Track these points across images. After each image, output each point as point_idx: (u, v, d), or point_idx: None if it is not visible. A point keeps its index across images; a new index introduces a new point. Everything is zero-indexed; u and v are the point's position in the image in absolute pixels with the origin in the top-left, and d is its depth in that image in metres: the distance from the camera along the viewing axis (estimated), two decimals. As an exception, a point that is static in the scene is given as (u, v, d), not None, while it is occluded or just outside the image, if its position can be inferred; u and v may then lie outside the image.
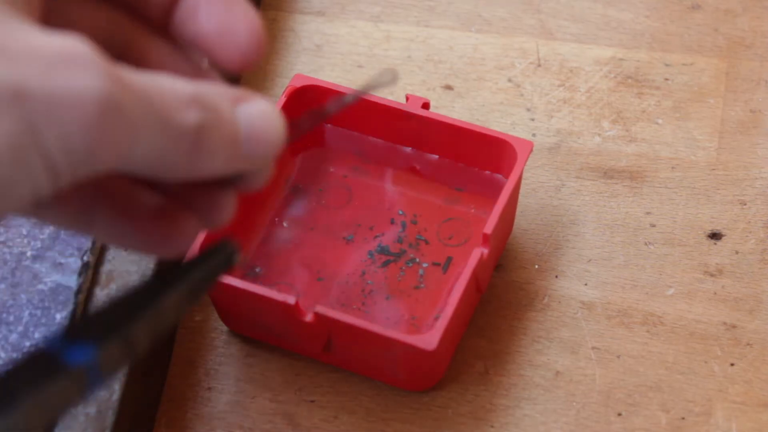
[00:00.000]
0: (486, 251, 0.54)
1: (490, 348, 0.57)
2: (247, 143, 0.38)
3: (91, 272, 0.55)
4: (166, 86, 0.37)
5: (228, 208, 0.41)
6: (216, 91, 0.38)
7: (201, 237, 0.53)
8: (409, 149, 0.60)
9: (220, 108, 0.38)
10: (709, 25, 0.66)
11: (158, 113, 0.36)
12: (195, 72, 0.42)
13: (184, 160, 0.37)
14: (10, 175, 0.33)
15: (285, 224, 0.58)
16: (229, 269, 0.41)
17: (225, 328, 0.58)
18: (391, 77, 0.41)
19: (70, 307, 0.53)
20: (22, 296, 0.53)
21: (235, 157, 0.38)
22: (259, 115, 0.39)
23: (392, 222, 0.58)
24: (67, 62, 0.34)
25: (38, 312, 0.53)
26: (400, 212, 0.58)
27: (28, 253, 0.56)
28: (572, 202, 0.61)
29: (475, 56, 0.66)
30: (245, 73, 0.66)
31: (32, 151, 0.34)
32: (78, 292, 0.55)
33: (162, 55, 0.41)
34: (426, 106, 0.58)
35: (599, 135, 0.63)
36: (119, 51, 0.41)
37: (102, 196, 0.41)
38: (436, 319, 0.54)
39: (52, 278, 0.55)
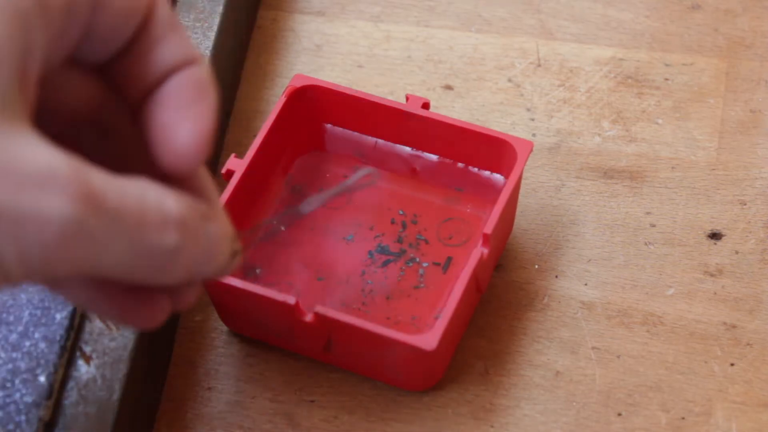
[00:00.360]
0: (486, 251, 0.54)
1: (490, 348, 0.57)
2: (205, 260, 0.40)
3: (91, 272, 0.55)
4: (151, 205, 0.37)
5: (192, 297, 0.42)
6: (194, 212, 0.39)
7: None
8: (409, 149, 0.60)
9: (197, 231, 0.39)
10: (709, 25, 0.66)
11: (131, 232, 0.36)
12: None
13: (153, 274, 0.38)
14: None
15: (284, 225, 0.58)
16: None
17: (225, 328, 0.58)
18: (372, 179, 0.42)
19: (70, 307, 0.53)
20: (22, 296, 0.53)
21: (192, 273, 0.39)
22: (220, 234, 0.40)
23: (392, 222, 0.58)
24: (41, 182, 0.34)
25: (38, 312, 0.53)
26: (400, 212, 0.58)
27: (28, 253, 0.55)
28: (572, 202, 0.61)
29: (475, 56, 0.66)
30: (245, 74, 0.66)
31: None
32: (78, 292, 0.55)
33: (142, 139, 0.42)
34: (426, 106, 0.58)
35: (599, 135, 0.63)
36: (106, 128, 0.41)
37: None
38: (436, 319, 0.54)
39: (52, 278, 0.55)
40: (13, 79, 0.35)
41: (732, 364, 0.56)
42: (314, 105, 0.59)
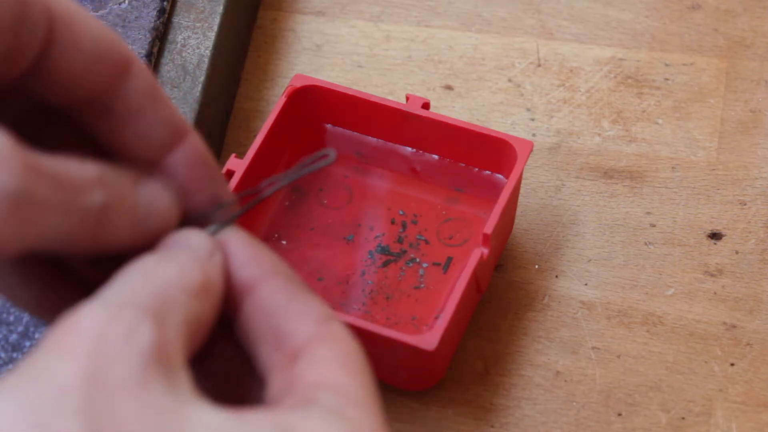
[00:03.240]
0: (486, 251, 0.54)
1: (490, 348, 0.57)
2: (145, 219, 0.39)
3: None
4: (73, 169, 0.37)
5: None
6: (118, 172, 0.39)
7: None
8: (409, 149, 0.60)
9: (123, 188, 0.39)
10: (709, 25, 0.66)
11: (64, 197, 0.36)
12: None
13: (89, 238, 0.37)
14: None
15: (284, 225, 0.58)
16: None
17: (225, 328, 0.58)
18: (331, 158, 0.42)
19: (70, 307, 0.53)
20: (23, 296, 0.53)
21: (135, 233, 0.39)
22: (155, 193, 0.40)
23: (392, 222, 0.58)
24: None
25: (38, 312, 0.53)
26: (401, 212, 0.58)
27: (29, 253, 0.55)
28: (572, 202, 0.61)
29: (475, 56, 0.66)
30: (245, 74, 0.66)
31: None
32: (78, 292, 0.55)
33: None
34: (426, 106, 0.58)
35: (599, 135, 0.63)
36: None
37: (19, 268, 0.41)
38: (436, 319, 0.54)
39: (52, 278, 0.55)
40: None
41: (732, 364, 0.56)
42: (314, 105, 0.59)
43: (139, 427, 0.32)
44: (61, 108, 0.40)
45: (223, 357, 0.40)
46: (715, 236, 0.60)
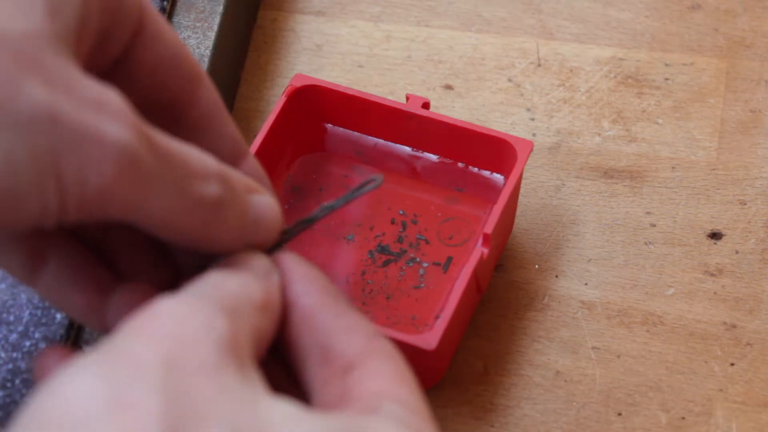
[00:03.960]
0: (486, 251, 0.54)
1: (490, 348, 0.57)
2: (253, 226, 0.41)
3: (91, 272, 0.55)
4: (194, 156, 0.38)
5: None
6: (237, 175, 0.40)
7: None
8: (409, 149, 0.60)
9: (238, 190, 0.40)
10: (709, 25, 0.66)
11: (178, 178, 0.37)
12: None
13: (199, 228, 0.39)
14: (24, 187, 0.34)
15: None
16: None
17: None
18: (378, 182, 0.45)
19: (70, 307, 0.53)
20: (22, 296, 0.53)
21: (239, 237, 0.40)
22: (267, 205, 0.42)
23: (392, 222, 0.58)
24: (100, 106, 0.35)
25: (38, 312, 0.53)
26: (401, 212, 0.59)
27: (29, 253, 0.56)
28: (572, 202, 0.61)
29: (475, 56, 0.66)
30: (245, 74, 0.66)
31: (49, 174, 0.35)
32: (78, 292, 0.55)
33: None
34: (426, 106, 0.58)
35: (599, 135, 0.63)
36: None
37: (56, 252, 0.41)
38: (436, 319, 0.54)
39: (52, 278, 0.55)
40: (76, 19, 0.37)
41: (732, 364, 0.56)
42: (314, 105, 0.59)
43: (216, 408, 0.33)
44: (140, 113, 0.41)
45: (270, 374, 0.41)
46: (715, 236, 0.60)
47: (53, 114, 0.34)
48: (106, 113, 0.35)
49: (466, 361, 0.56)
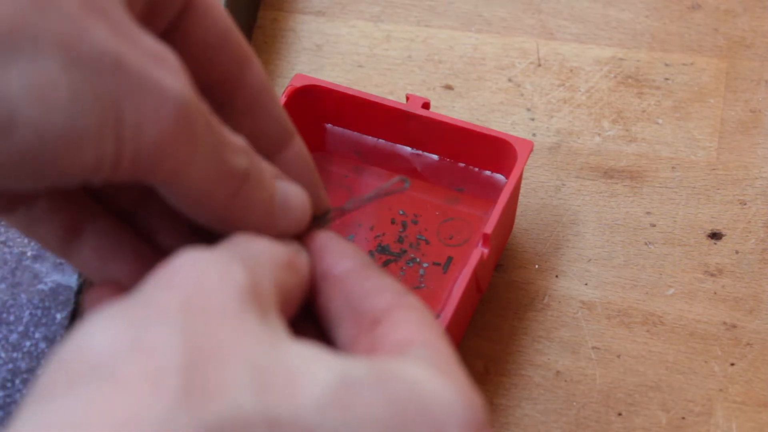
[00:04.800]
0: (486, 251, 0.54)
1: (490, 348, 0.57)
2: (280, 211, 0.41)
3: (91, 272, 0.55)
4: (224, 130, 0.39)
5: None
6: (263, 161, 0.41)
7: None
8: (409, 149, 0.60)
9: (264, 170, 0.40)
10: (709, 25, 0.66)
11: (217, 145, 0.38)
12: None
13: (225, 201, 0.39)
14: (85, 130, 0.34)
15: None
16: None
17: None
18: (406, 185, 0.46)
19: (70, 307, 0.53)
20: (22, 296, 0.53)
21: (266, 219, 0.41)
22: (295, 192, 0.42)
23: (392, 222, 0.58)
24: (161, 59, 0.36)
25: (38, 312, 0.53)
26: (401, 212, 0.58)
27: (29, 253, 0.56)
28: (572, 202, 0.61)
29: (475, 56, 0.66)
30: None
31: (110, 120, 0.35)
32: (78, 292, 0.55)
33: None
34: (426, 106, 0.58)
35: (599, 135, 0.63)
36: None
37: (93, 225, 0.41)
38: (436, 318, 0.54)
39: (52, 278, 0.55)
40: None
41: (732, 364, 0.56)
42: (314, 105, 0.59)
43: (235, 347, 0.33)
44: None
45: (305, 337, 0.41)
46: (715, 236, 0.60)
47: (117, 58, 0.35)
48: (165, 67, 0.36)
49: (466, 361, 0.56)
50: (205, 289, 0.35)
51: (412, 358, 0.36)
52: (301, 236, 0.42)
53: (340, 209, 0.46)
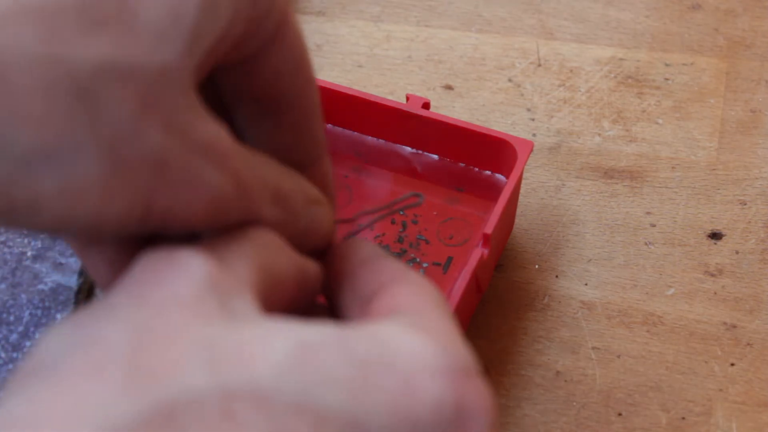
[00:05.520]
0: (486, 251, 0.54)
1: (490, 348, 0.57)
2: (303, 235, 0.41)
3: (91, 272, 0.55)
4: (266, 177, 0.38)
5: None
6: (300, 193, 0.40)
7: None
8: (409, 149, 0.60)
9: (298, 213, 0.40)
10: (709, 25, 0.66)
11: (248, 206, 0.37)
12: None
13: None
14: (109, 219, 0.34)
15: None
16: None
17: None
18: (420, 200, 0.46)
19: (70, 307, 0.53)
20: (23, 296, 0.53)
21: (296, 245, 0.40)
22: (322, 217, 0.41)
23: (392, 222, 0.58)
24: (208, 149, 0.35)
25: (38, 312, 0.53)
26: (401, 212, 0.58)
27: (29, 253, 0.56)
28: (572, 202, 0.61)
29: (475, 56, 0.66)
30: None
31: (138, 209, 0.34)
32: (78, 292, 0.55)
33: None
34: (426, 106, 0.58)
35: (599, 135, 0.63)
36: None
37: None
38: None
39: (52, 278, 0.55)
40: (218, 39, 0.36)
41: (732, 364, 0.56)
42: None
43: (186, 331, 0.32)
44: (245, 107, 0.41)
45: None
46: (715, 236, 0.60)
47: (163, 158, 0.33)
48: (210, 158, 0.35)
49: (466, 361, 0.56)
50: (158, 282, 0.34)
51: (392, 322, 0.35)
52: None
53: (355, 230, 0.46)
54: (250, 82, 0.40)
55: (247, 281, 0.36)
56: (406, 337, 0.34)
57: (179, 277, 0.34)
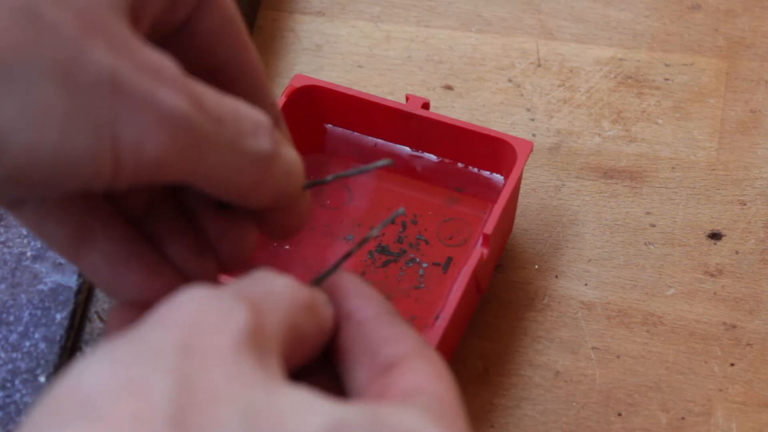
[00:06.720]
0: (486, 251, 0.54)
1: (490, 348, 0.57)
2: (285, 178, 0.41)
3: (91, 272, 0.55)
4: (245, 112, 0.39)
5: (248, 247, 0.43)
6: (278, 125, 0.41)
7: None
8: (409, 149, 0.60)
9: (282, 142, 0.40)
10: (709, 25, 0.66)
11: (231, 137, 0.38)
12: None
13: (250, 184, 0.39)
14: (81, 151, 0.34)
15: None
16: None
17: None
18: (390, 162, 0.45)
19: (70, 307, 0.53)
20: (22, 296, 0.53)
21: (280, 190, 0.41)
22: (294, 157, 0.41)
23: (392, 222, 0.58)
24: (157, 72, 0.36)
25: (38, 312, 0.53)
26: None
27: (28, 253, 0.56)
28: (572, 202, 0.61)
29: (475, 56, 0.66)
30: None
31: (107, 140, 0.35)
32: (78, 292, 0.55)
33: None
34: (426, 106, 0.58)
35: (599, 135, 0.63)
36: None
37: (103, 230, 0.41)
38: (436, 319, 0.54)
39: (52, 278, 0.55)
40: None
41: (732, 364, 0.56)
42: (314, 105, 0.59)
43: (229, 391, 0.33)
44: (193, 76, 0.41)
45: (317, 382, 0.41)
46: (715, 236, 0.60)
47: (114, 77, 0.35)
48: (162, 79, 0.36)
49: (466, 361, 0.56)
50: (202, 329, 0.34)
51: (413, 407, 0.36)
52: (322, 280, 0.42)
53: (319, 182, 0.45)
54: (191, 55, 0.41)
55: (278, 338, 0.37)
56: (431, 429, 0.35)
57: (223, 327, 0.35)
